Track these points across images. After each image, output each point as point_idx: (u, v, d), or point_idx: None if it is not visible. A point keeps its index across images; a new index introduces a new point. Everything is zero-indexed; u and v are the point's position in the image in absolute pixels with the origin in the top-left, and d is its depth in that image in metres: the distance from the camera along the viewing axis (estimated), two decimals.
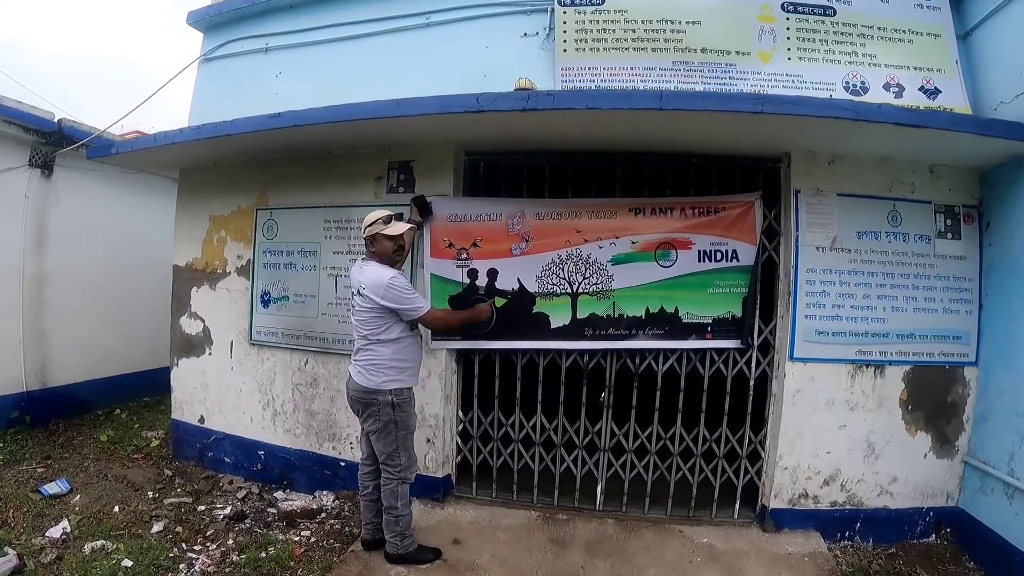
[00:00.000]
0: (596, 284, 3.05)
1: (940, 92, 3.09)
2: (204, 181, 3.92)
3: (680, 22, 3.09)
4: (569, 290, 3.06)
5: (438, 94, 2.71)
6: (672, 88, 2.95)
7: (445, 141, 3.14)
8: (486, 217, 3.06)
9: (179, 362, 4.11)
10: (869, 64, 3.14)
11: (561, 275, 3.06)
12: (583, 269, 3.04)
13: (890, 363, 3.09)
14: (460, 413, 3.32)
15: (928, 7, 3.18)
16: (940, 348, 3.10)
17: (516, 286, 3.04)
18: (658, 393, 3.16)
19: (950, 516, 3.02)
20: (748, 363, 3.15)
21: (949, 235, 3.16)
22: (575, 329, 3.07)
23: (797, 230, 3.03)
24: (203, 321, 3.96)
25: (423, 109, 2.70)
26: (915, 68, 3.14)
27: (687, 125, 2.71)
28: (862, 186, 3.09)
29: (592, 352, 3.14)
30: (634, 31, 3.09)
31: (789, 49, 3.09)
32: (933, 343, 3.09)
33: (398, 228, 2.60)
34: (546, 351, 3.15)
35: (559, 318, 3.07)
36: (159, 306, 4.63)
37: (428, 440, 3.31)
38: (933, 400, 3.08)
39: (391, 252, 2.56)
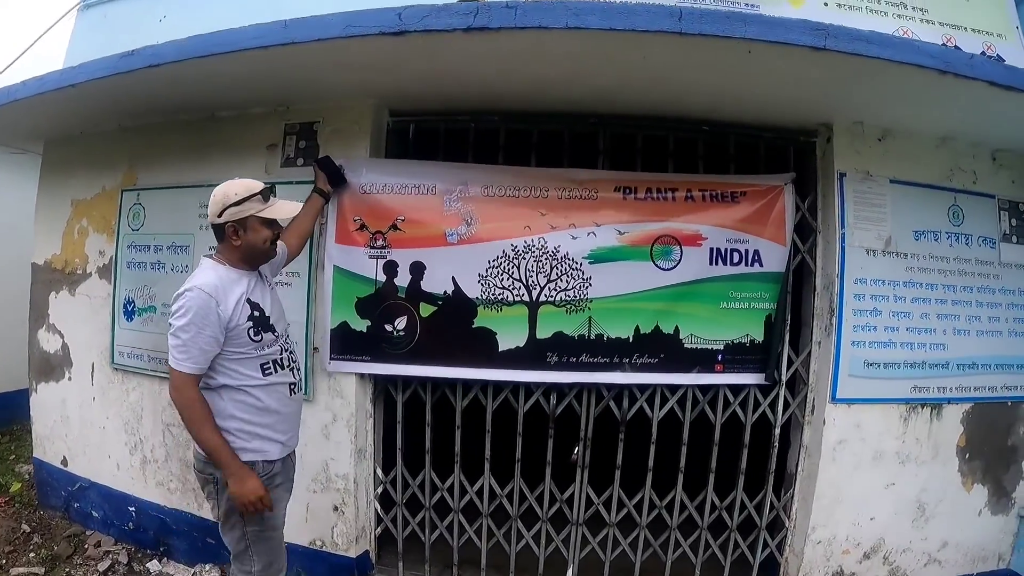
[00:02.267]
0: (566, 290, 1.68)
1: (1003, 60, 1.87)
2: (68, 157, 2.44)
3: None
4: (526, 297, 1.68)
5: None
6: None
7: (360, 94, 1.76)
8: (414, 189, 1.69)
9: (38, 387, 2.55)
10: (921, 20, 1.93)
11: (515, 275, 1.68)
12: (547, 267, 1.67)
13: (948, 401, 1.87)
14: (380, 471, 1.87)
15: None
16: (1004, 380, 1.92)
17: (450, 288, 1.68)
18: (652, 447, 1.76)
19: None
20: (773, 405, 1.80)
21: (1014, 238, 1.95)
22: (533, 353, 1.70)
23: (842, 226, 1.74)
24: (62, 336, 2.42)
25: (321, 32, 1.37)
26: (974, 30, 1.95)
27: (707, 66, 1.42)
28: (919, 172, 1.85)
29: (560, 390, 1.73)
30: None
31: None
32: (996, 374, 1.91)
33: (285, 209, 1.30)
34: (497, 385, 1.73)
35: (511, 336, 1.69)
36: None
37: (335, 508, 1.85)
38: (992, 445, 1.93)
39: (261, 246, 1.27)
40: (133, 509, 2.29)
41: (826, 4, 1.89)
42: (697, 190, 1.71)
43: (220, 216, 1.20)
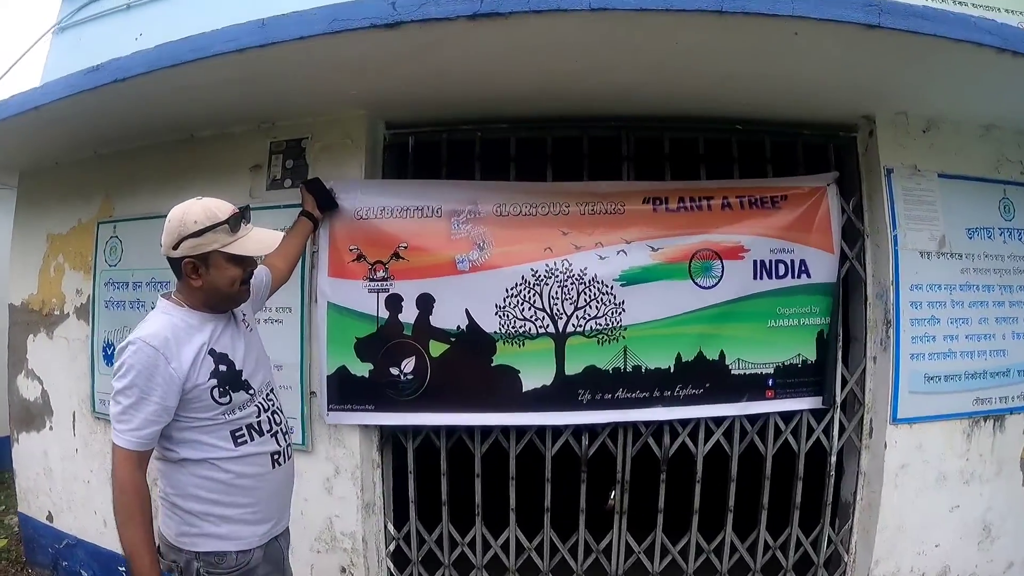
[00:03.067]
0: (596, 318, 1.35)
1: None
2: (43, 189, 2.07)
3: None
4: (552, 328, 1.34)
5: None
6: None
7: (352, 104, 1.43)
8: (416, 212, 1.36)
9: (19, 437, 2.16)
10: (955, 1, 1.61)
11: (538, 304, 1.34)
12: (574, 293, 1.34)
13: (1011, 412, 1.57)
14: (391, 526, 1.49)
15: None
16: None
17: (464, 322, 1.34)
18: (697, 486, 1.41)
19: None
20: (827, 430, 1.47)
21: None
22: (562, 392, 1.36)
23: (894, 227, 1.43)
24: (41, 382, 2.04)
25: (303, 28, 1.06)
26: (1008, 11, 1.64)
27: (746, 52, 1.12)
28: (966, 164, 1.56)
29: (592, 429, 1.37)
30: None
31: None
32: None
33: (261, 241, 0.91)
34: (520, 429, 1.35)
35: (536, 374, 1.36)
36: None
37: (343, 570, 1.52)
38: None
39: (227, 289, 0.89)
40: (124, 570, 1.88)
41: None
42: (734, 196, 1.38)
43: (175, 248, 0.84)
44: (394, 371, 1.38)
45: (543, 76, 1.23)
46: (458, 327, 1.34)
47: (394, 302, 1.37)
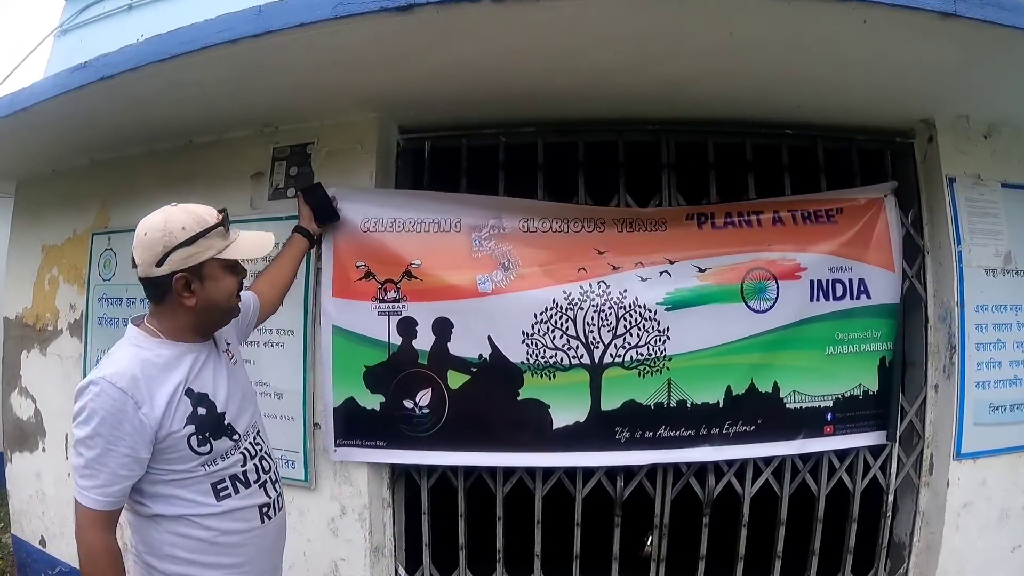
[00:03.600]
0: (637, 347, 1.13)
1: None
2: (39, 198, 1.84)
3: None
4: (587, 359, 1.12)
5: None
6: None
7: (361, 105, 1.21)
8: (432, 225, 1.14)
9: (12, 457, 1.94)
10: None
11: (572, 331, 1.11)
12: (612, 319, 1.12)
13: None
14: (403, 572, 1.23)
15: None
16: None
17: (487, 351, 1.12)
18: (743, 530, 1.17)
19: None
20: (885, 466, 1.23)
21: None
22: (598, 429, 1.13)
23: (958, 243, 1.20)
24: (34, 401, 1.80)
25: (304, 14, 0.83)
26: None
27: (807, 44, 0.91)
28: None
29: (630, 469, 1.13)
30: None
31: None
32: None
33: (255, 243, 0.74)
34: (547, 469, 1.10)
35: (568, 409, 1.13)
36: None
37: None
38: None
39: (226, 304, 0.71)
40: None
41: None
42: (786, 210, 1.16)
43: (161, 264, 0.67)
44: (408, 404, 1.15)
45: (576, 70, 1.01)
46: (480, 356, 1.12)
47: (407, 327, 1.14)
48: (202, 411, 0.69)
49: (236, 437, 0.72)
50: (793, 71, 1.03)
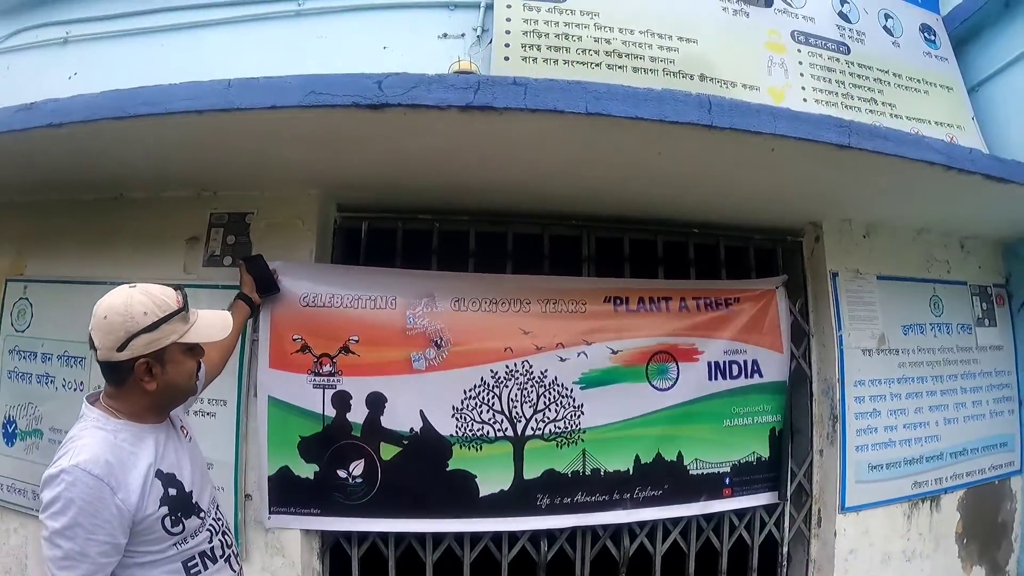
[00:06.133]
0: (556, 421, 1.40)
1: None
2: None
3: (671, 37, 1.70)
4: (511, 432, 1.38)
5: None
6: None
7: (304, 181, 1.43)
8: (369, 301, 1.36)
9: None
10: (891, 115, 1.89)
11: (497, 407, 1.37)
12: (534, 396, 1.39)
13: (945, 491, 1.78)
14: None
15: (936, 56, 2.07)
16: (990, 461, 1.88)
17: (418, 424, 1.35)
18: None
19: None
20: (779, 522, 1.57)
21: (987, 321, 1.94)
22: (521, 497, 1.39)
23: (839, 328, 1.58)
24: None
25: (275, 98, 1.00)
26: (936, 123, 1.94)
27: (722, 163, 1.24)
28: (901, 266, 1.79)
29: (551, 534, 1.39)
30: (608, 42, 1.65)
31: (804, 88, 1.78)
32: (983, 456, 1.86)
33: (214, 325, 0.84)
34: (475, 535, 1.35)
35: (493, 479, 1.38)
36: None
37: None
38: (985, 525, 1.87)
39: (186, 384, 0.83)
40: None
41: (804, 100, 1.78)
42: (691, 298, 1.49)
43: (122, 349, 0.73)
44: (342, 474, 1.35)
45: (519, 169, 1.27)
46: (411, 429, 1.34)
47: (342, 400, 1.35)
48: (172, 491, 0.78)
49: (202, 514, 0.82)
50: (706, 182, 1.35)
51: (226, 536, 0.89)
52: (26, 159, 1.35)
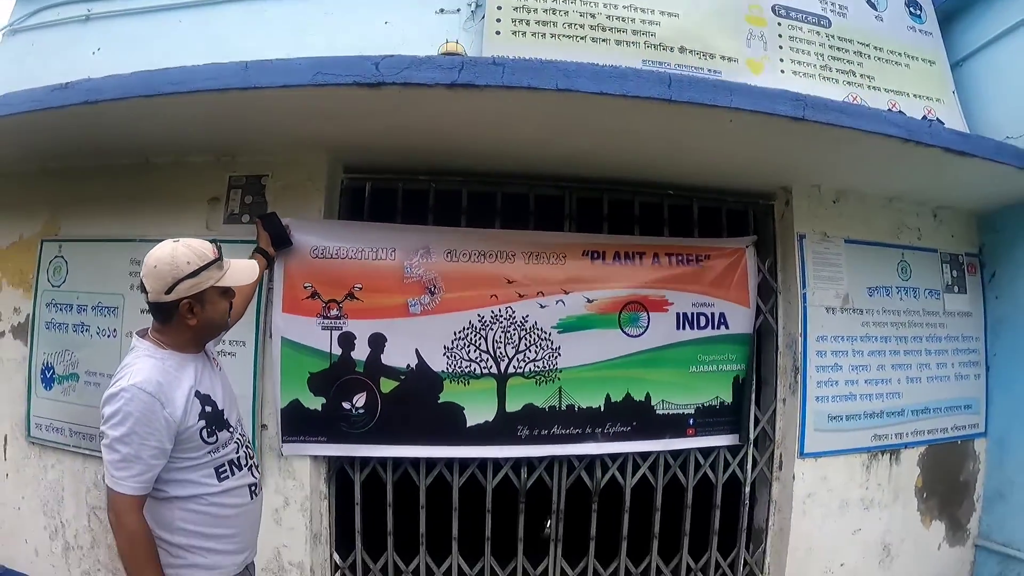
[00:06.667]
0: (535, 361, 1.59)
1: (943, 124, 1.98)
2: None
3: (653, 11, 1.84)
4: (495, 369, 1.58)
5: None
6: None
7: (315, 147, 1.62)
8: (371, 253, 1.55)
9: None
10: (869, 87, 2.01)
11: (483, 347, 1.58)
12: (516, 338, 1.58)
13: (905, 446, 1.93)
14: (337, 557, 1.67)
15: (921, 31, 2.16)
16: (953, 421, 2.02)
17: (414, 361, 1.55)
18: (626, 515, 1.67)
19: None
20: (742, 464, 1.77)
21: (956, 288, 2.07)
22: (503, 428, 1.60)
23: (804, 287, 1.75)
24: None
25: (287, 78, 1.19)
26: (915, 95, 2.06)
27: (686, 133, 1.40)
28: (870, 231, 1.93)
29: (530, 462, 1.64)
30: (593, 16, 1.79)
31: (782, 60, 1.91)
32: (946, 416, 2.00)
33: (245, 272, 1.06)
34: (463, 461, 1.58)
35: (480, 411, 1.59)
36: None
37: None
38: (946, 482, 2.01)
39: (220, 321, 1.05)
40: None
41: (782, 71, 1.91)
42: (663, 254, 1.66)
43: (169, 292, 0.93)
44: (346, 405, 1.57)
45: (503, 139, 1.46)
46: (408, 366, 1.55)
47: (347, 340, 1.56)
48: (208, 408, 0.96)
49: (231, 429, 1.01)
50: (674, 147, 1.52)
51: (249, 449, 1.08)
52: (60, 132, 1.56)
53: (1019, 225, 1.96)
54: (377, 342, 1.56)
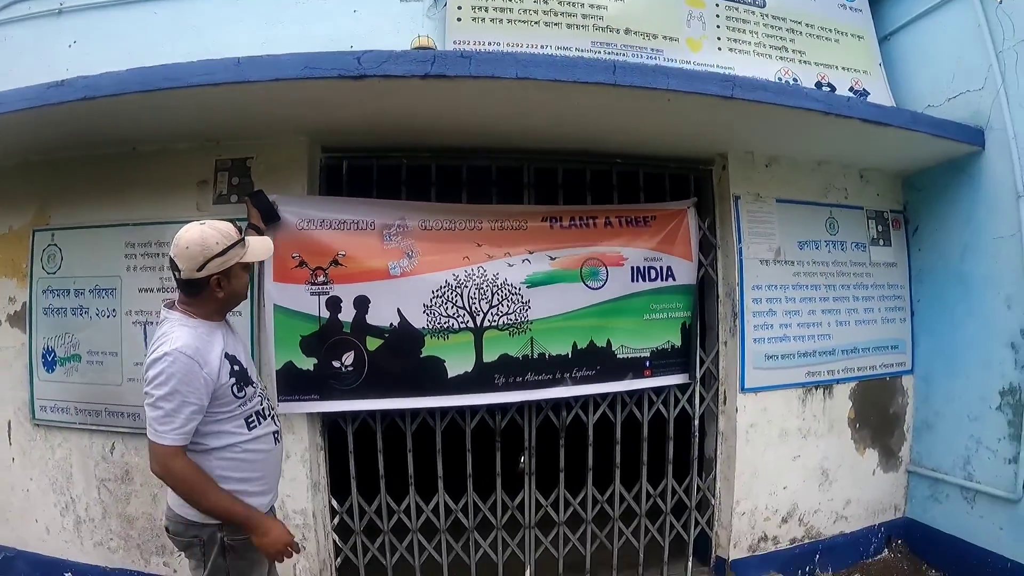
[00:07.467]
0: (508, 314, 1.85)
1: (868, 94, 2.31)
2: None
3: None
4: (471, 323, 1.82)
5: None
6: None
7: (294, 130, 1.81)
8: (353, 225, 1.76)
9: None
10: (800, 61, 2.30)
11: (460, 303, 1.82)
12: (489, 294, 1.83)
13: (837, 382, 2.27)
14: (334, 502, 1.91)
15: (851, 8, 2.45)
16: (881, 360, 2.36)
17: (396, 320, 1.76)
18: (590, 449, 1.97)
19: (899, 528, 2.36)
20: (691, 400, 2.08)
21: (881, 242, 2.41)
22: (482, 377, 1.85)
23: (739, 242, 2.05)
24: None
25: (277, 72, 1.39)
26: (843, 68, 2.36)
27: (630, 111, 1.66)
28: (800, 191, 2.23)
29: (503, 406, 1.88)
30: (546, 2, 2.02)
31: (719, 39, 2.18)
32: (875, 355, 2.34)
33: (263, 247, 1.26)
34: (443, 410, 1.83)
35: (459, 363, 1.83)
36: None
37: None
38: (878, 414, 2.35)
39: (243, 293, 1.23)
40: (70, 575, 2.16)
41: (719, 49, 2.19)
42: (614, 216, 1.94)
43: (201, 270, 1.08)
44: (336, 364, 1.80)
45: (471, 120, 1.69)
46: (391, 324, 1.77)
47: (334, 304, 1.78)
48: (236, 367, 1.12)
49: (254, 385, 1.18)
50: (620, 123, 1.77)
51: (269, 401, 1.27)
52: (54, 128, 1.69)
53: (939, 184, 2.29)
54: (362, 304, 1.79)
